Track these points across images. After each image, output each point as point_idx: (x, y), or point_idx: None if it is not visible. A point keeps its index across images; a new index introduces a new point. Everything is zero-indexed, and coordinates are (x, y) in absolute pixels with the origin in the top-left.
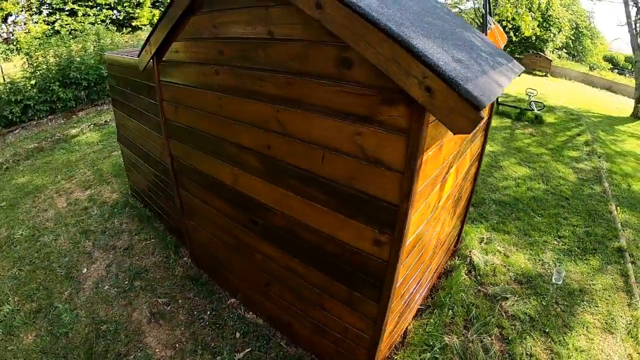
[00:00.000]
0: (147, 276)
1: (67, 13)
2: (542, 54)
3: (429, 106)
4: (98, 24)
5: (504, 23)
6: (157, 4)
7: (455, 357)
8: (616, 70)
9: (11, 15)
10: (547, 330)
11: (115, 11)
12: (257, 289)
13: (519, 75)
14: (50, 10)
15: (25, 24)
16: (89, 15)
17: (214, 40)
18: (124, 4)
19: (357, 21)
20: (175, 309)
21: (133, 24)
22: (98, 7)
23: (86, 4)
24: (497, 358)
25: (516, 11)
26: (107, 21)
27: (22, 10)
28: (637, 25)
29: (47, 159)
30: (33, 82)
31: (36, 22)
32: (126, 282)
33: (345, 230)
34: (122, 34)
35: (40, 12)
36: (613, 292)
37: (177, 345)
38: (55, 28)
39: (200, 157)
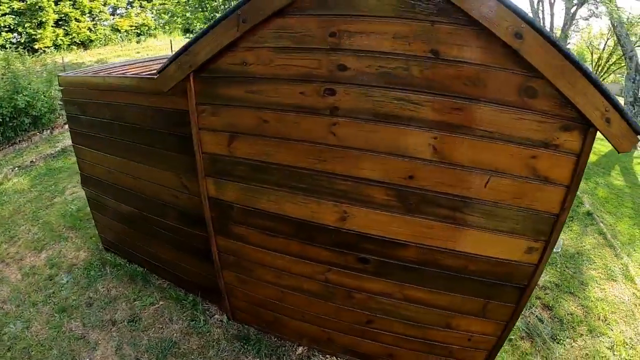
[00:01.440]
0: (181, 350)
1: None
2: None
3: (606, 133)
4: None
5: None
6: (60, 23)
7: (523, 333)
8: None
9: None
10: (572, 291)
11: (15, 34)
12: (348, 329)
13: None
14: None
15: None
16: None
17: (331, 52)
18: (25, 25)
19: (557, 57)
20: None
21: (35, 46)
22: None
23: None
24: (550, 324)
25: None
26: (7, 45)
27: None
28: (540, 15)
29: None
30: None
31: None
32: None
33: (497, 246)
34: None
35: None
36: (600, 248)
37: None
38: None
39: (278, 198)
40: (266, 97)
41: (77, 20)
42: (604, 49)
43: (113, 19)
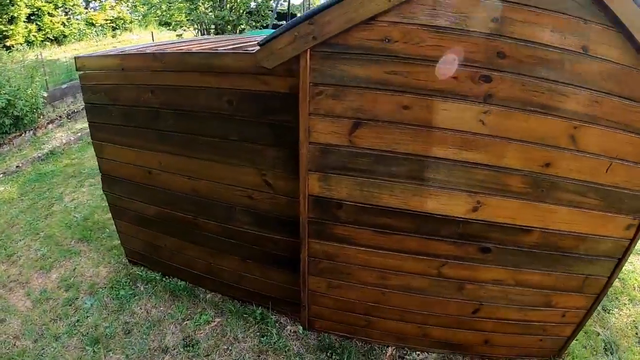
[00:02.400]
0: None
1: None
2: None
3: None
4: None
5: None
6: (32, 18)
7: None
8: None
9: None
10: None
11: None
12: (448, 322)
13: None
14: None
15: None
16: None
17: (490, 37)
18: None
19: None
20: None
21: (7, 43)
22: None
23: None
24: None
25: None
26: None
27: None
28: None
29: None
30: None
31: None
32: None
33: (606, 225)
34: None
35: None
36: None
37: None
38: None
39: (404, 191)
40: (411, 79)
41: (50, 14)
42: None
43: (87, 12)
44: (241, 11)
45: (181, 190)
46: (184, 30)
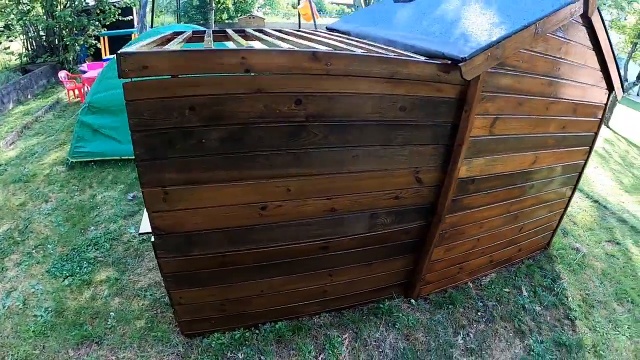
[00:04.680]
0: (418, 352)
1: None
2: (254, 14)
3: None
4: None
5: None
6: None
7: None
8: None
9: None
10: None
11: None
12: (506, 244)
13: None
14: None
15: None
16: None
17: (555, 59)
18: None
19: None
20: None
21: None
22: None
23: None
24: None
25: None
26: None
27: None
28: None
29: None
30: None
31: None
32: None
33: (576, 155)
34: None
35: None
36: None
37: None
38: None
39: (507, 159)
40: (525, 86)
41: None
42: None
43: None
44: (74, 11)
45: (312, 216)
46: (11, 40)
